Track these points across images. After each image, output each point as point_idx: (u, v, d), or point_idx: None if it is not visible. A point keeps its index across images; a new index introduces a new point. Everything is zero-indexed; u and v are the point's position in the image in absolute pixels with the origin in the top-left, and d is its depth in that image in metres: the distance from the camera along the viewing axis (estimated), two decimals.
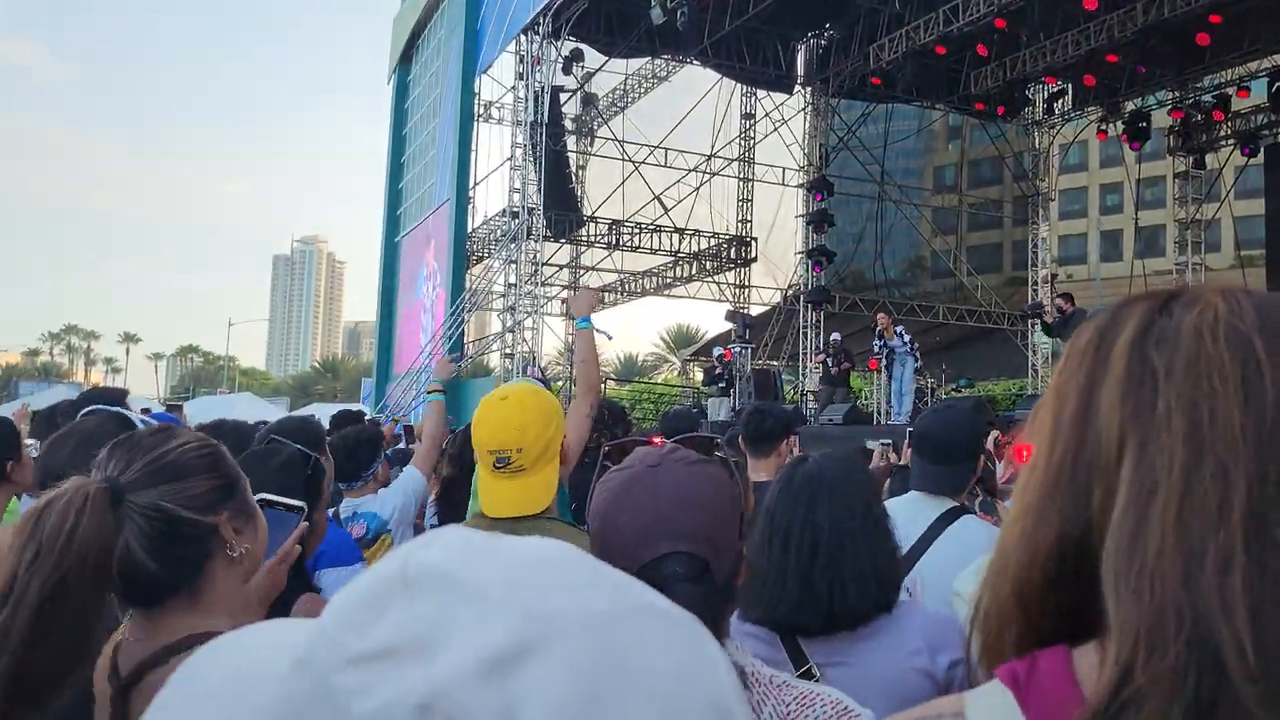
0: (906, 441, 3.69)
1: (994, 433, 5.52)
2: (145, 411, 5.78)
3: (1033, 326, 22.09)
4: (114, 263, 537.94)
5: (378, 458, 3.89)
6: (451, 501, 4.54)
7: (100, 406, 3.71)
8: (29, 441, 3.46)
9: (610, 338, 4.19)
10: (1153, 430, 0.64)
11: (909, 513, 2.57)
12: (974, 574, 0.80)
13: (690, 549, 1.31)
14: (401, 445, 8.01)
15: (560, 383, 18.45)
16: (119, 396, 4.22)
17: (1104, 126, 21.77)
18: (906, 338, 15.27)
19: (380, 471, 3.93)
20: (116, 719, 1.34)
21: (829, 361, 17.06)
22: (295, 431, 3.24)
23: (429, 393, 4.34)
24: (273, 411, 23.99)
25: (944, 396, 17.22)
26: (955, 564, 2.22)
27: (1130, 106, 21.12)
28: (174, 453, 1.40)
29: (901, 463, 5.29)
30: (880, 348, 15.42)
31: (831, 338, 17.68)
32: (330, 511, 3.37)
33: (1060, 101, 22.59)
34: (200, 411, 20.63)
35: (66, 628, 1.20)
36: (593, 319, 3.28)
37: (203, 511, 1.38)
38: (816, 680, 1.69)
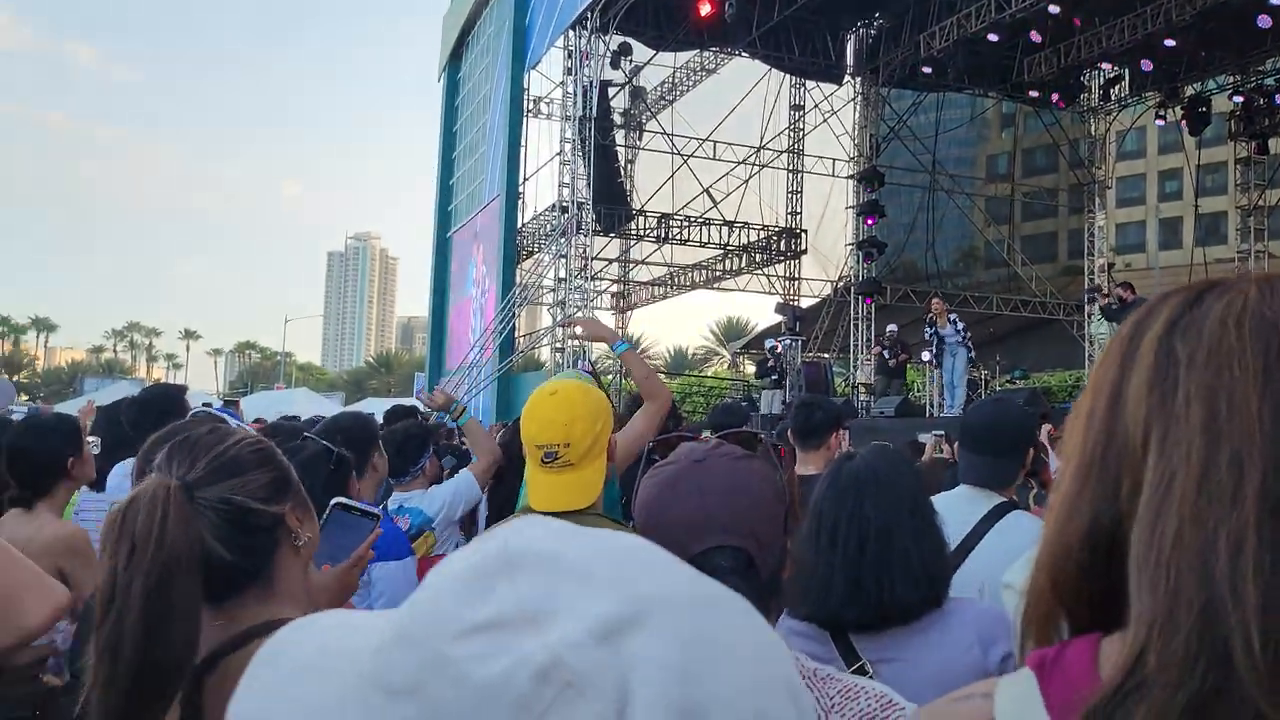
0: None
1: (1046, 426, 5.45)
2: (206, 406, 5.91)
3: (1089, 316, 21.73)
4: (174, 261, 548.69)
5: (426, 453, 3.94)
6: (503, 493, 4.58)
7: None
8: (90, 439, 3.56)
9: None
10: (1173, 420, 0.65)
11: (957, 508, 2.55)
12: (1024, 566, 0.81)
13: (735, 543, 1.32)
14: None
15: (610, 376, 18.50)
16: (179, 392, 4.32)
17: (1162, 112, 21.31)
18: (960, 326, 14.95)
19: (429, 467, 3.98)
20: (188, 708, 1.36)
21: (885, 353, 16.92)
22: (349, 428, 3.31)
23: (455, 419, 4.29)
24: (329, 406, 24.36)
25: (998, 388, 17.01)
26: (1004, 559, 2.20)
27: (1189, 91, 20.64)
28: (232, 449, 1.44)
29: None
30: (930, 335, 15.17)
31: (888, 329, 17.49)
32: (379, 506, 3.43)
33: (1117, 87, 22.18)
34: (258, 406, 21.00)
35: (175, 623, 1.23)
36: (600, 332, 3.32)
37: (268, 502, 1.43)
38: (869, 677, 1.68)
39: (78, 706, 1.25)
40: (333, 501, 1.89)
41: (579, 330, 3.79)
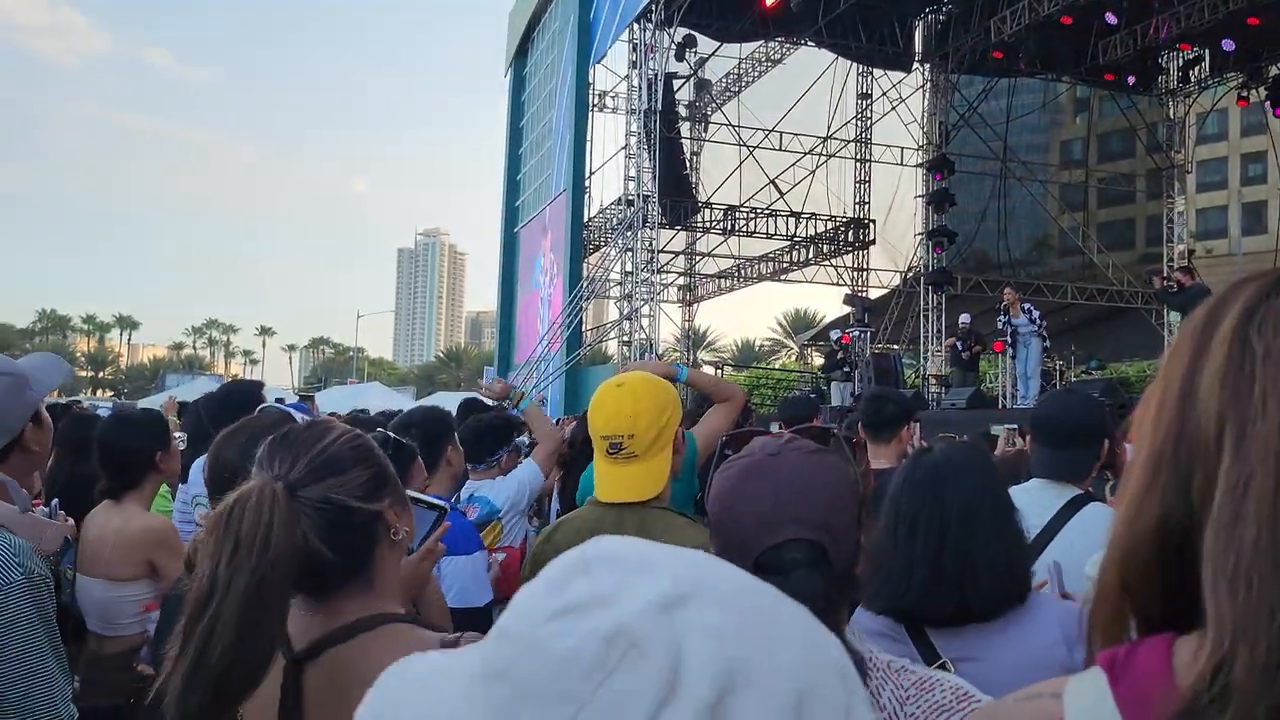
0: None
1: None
2: (279, 401, 6.04)
3: (1154, 296, 21.14)
4: (249, 259, 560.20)
5: (505, 445, 3.99)
6: (572, 482, 4.61)
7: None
8: (177, 435, 3.66)
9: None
10: (1249, 416, 0.62)
11: (1033, 501, 2.50)
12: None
13: (809, 536, 1.32)
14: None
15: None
16: (256, 388, 4.42)
17: (1245, 93, 20.64)
18: (1035, 314, 14.60)
19: (506, 460, 4.03)
20: (290, 690, 1.40)
21: (959, 345, 16.62)
22: (423, 422, 3.37)
23: (515, 406, 4.51)
24: (401, 401, 24.71)
25: (1073, 379, 16.66)
26: (1082, 552, 2.16)
27: (1274, 71, 19.97)
28: (332, 447, 1.46)
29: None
30: (1004, 324, 14.87)
31: (960, 320, 17.17)
32: (451, 499, 3.48)
33: (1196, 69, 21.55)
34: (333, 401, 21.37)
35: (268, 623, 1.26)
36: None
37: (367, 500, 1.45)
38: None
39: (151, 691, 1.27)
40: None
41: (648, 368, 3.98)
